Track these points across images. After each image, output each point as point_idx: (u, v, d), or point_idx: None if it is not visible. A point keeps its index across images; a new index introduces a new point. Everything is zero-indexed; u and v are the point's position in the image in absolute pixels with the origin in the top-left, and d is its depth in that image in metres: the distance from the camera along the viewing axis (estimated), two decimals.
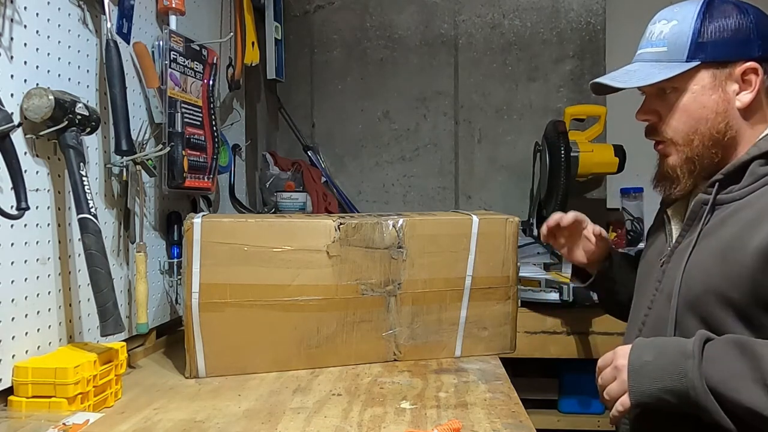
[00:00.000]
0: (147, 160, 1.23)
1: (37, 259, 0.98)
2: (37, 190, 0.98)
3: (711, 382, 0.84)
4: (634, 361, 0.92)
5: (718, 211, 1.01)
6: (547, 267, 2.04)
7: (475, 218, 1.28)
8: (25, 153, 0.95)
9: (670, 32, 1.03)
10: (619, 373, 0.93)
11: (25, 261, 0.96)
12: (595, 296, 1.90)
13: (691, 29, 1.01)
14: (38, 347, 0.98)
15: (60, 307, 1.04)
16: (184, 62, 1.40)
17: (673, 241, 1.09)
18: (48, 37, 1.02)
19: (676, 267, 1.03)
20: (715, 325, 0.95)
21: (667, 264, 1.07)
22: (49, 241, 1.01)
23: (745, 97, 1.01)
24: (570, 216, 1.26)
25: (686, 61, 1.01)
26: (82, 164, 1.00)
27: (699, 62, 1.00)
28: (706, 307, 0.97)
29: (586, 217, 1.28)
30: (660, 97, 1.05)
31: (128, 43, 1.24)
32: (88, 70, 1.12)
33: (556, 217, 1.27)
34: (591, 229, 1.27)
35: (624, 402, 0.90)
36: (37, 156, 0.98)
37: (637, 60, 1.08)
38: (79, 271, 1.08)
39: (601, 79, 1.08)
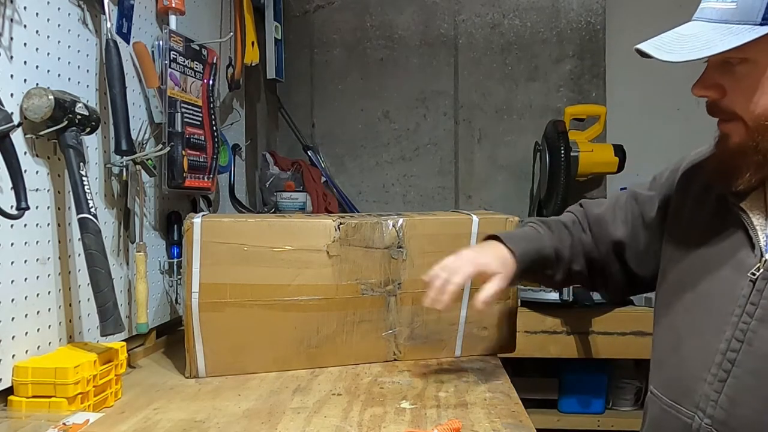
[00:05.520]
0: (147, 160, 1.23)
1: (37, 259, 0.98)
2: (37, 190, 0.98)
3: None
4: None
5: None
6: None
7: (474, 218, 1.28)
8: (25, 153, 0.95)
9: None
10: None
11: (25, 261, 0.95)
12: (596, 296, 1.91)
13: None
14: (38, 347, 0.98)
15: (60, 307, 1.04)
16: (184, 62, 1.40)
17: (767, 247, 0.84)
18: (48, 37, 1.02)
19: None
20: None
21: (765, 280, 0.81)
22: (49, 241, 1.01)
23: None
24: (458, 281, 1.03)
25: (760, 24, 0.77)
26: (82, 164, 1.00)
27: None
28: None
29: (486, 268, 1.04)
30: (724, 68, 0.82)
31: (128, 43, 1.24)
32: (88, 70, 1.12)
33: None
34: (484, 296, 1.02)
35: None
36: (37, 156, 0.98)
37: (698, 18, 0.83)
38: (79, 271, 1.08)
39: (645, 47, 0.82)
